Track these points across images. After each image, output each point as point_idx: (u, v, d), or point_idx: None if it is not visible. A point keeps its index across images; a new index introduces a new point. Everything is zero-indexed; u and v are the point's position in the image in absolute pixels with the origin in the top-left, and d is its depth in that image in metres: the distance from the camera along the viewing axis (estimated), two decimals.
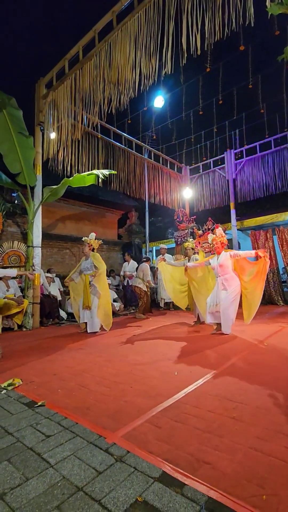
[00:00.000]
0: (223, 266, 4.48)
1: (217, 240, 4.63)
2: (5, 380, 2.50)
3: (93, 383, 2.47)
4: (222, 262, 4.50)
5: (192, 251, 5.69)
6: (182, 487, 1.19)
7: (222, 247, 4.64)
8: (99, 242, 5.14)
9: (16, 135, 5.36)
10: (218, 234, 4.71)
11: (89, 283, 4.85)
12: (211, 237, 4.77)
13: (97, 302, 4.83)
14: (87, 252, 4.94)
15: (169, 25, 3.90)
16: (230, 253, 4.55)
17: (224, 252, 4.61)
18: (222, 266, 4.48)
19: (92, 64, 5.06)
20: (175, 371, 2.71)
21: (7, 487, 1.23)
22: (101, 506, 1.10)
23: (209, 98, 9.41)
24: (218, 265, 4.52)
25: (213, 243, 4.71)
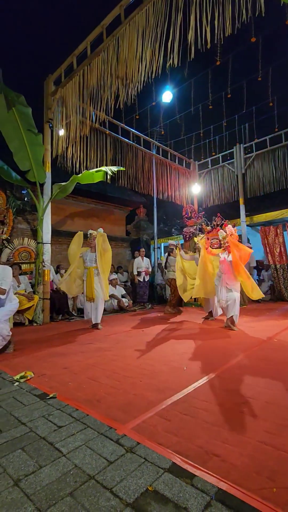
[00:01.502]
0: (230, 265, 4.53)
1: (229, 239, 4.64)
2: (17, 373, 2.56)
3: (103, 377, 2.50)
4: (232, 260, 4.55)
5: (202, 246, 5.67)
6: (192, 478, 1.21)
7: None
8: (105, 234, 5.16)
9: (26, 133, 5.41)
10: (229, 231, 4.71)
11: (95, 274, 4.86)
12: (222, 234, 4.75)
13: (100, 292, 4.84)
14: (94, 245, 4.95)
15: (177, 18, 3.85)
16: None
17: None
18: (229, 266, 4.53)
19: (100, 59, 5.05)
20: (184, 366, 2.72)
21: (21, 474, 1.27)
22: (112, 494, 1.13)
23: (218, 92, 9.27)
24: (227, 262, 4.54)
25: (224, 241, 4.71)
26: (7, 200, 6.05)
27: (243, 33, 5.59)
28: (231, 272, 4.50)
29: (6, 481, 1.22)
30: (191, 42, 3.68)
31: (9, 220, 6.09)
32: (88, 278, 4.81)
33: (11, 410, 1.90)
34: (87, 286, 4.80)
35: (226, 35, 3.73)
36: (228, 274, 4.51)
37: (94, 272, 4.82)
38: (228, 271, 4.51)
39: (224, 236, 4.73)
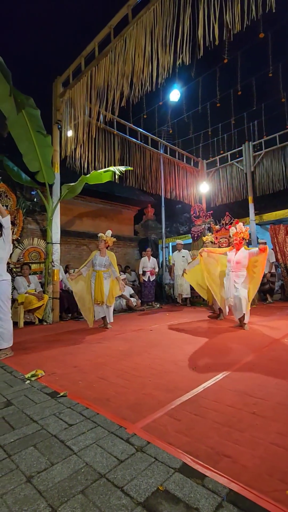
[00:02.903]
0: (240, 263, 4.50)
1: (238, 235, 4.59)
2: (28, 371, 2.60)
3: (113, 376, 2.52)
4: (239, 259, 4.52)
5: (211, 244, 5.64)
6: (203, 478, 1.20)
7: (240, 243, 4.61)
8: (114, 239, 5.16)
9: (35, 134, 5.48)
10: (239, 229, 4.67)
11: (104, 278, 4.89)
12: (233, 230, 4.71)
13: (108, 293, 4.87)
14: (103, 248, 4.96)
15: (185, 16, 3.83)
16: (250, 251, 4.54)
17: (243, 248, 4.58)
18: (239, 263, 4.50)
19: (107, 59, 5.06)
20: (193, 366, 2.71)
21: (34, 471, 1.29)
22: (123, 493, 1.14)
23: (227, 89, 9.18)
24: (235, 261, 4.52)
25: (233, 237, 4.67)
26: (17, 201, 6.14)
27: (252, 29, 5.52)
28: (242, 269, 4.48)
29: (19, 477, 1.25)
30: (200, 39, 3.65)
31: (19, 221, 6.18)
32: (97, 281, 4.80)
33: (23, 408, 1.93)
34: (96, 289, 4.79)
35: (235, 31, 3.69)
36: (236, 272, 4.49)
37: (104, 276, 4.82)
38: (235, 269, 4.50)
39: (235, 233, 4.69)
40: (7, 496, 1.14)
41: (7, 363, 2.98)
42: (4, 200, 5.91)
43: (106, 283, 4.85)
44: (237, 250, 4.58)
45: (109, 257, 4.91)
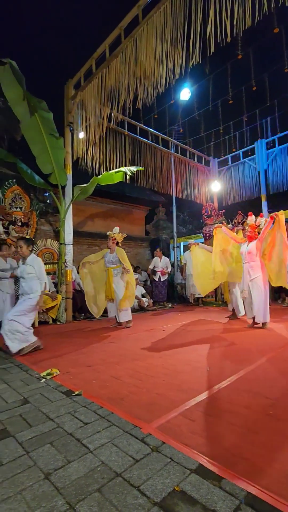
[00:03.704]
0: (251, 253, 4.52)
1: (255, 229, 4.56)
2: (43, 370, 2.65)
3: (126, 375, 2.53)
4: (250, 249, 4.53)
5: None
6: (220, 480, 1.19)
7: (255, 236, 4.56)
8: (123, 235, 5.19)
9: (47, 137, 5.56)
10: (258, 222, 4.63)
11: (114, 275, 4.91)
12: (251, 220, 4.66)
13: (121, 293, 4.87)
14: (111, 246, 5.00)
15: (196, 13, 3.80)
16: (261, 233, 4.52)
17: (255, 241, 4.56)
18: (250, 254, 4.52)
19: (118, 60, 5.09)
20: (207, 367, 2.69)
21: (51, 468, 1.31)
22: (139, 492, 1.14)
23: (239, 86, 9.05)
24: (247, 252, 4.52)
25: (248, 228, 4.63)
26: (31, 203, 6.26)
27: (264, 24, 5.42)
28: (254, 259, 4.44)
29: (37, 474, 1.27)
30: (211, 36, 3.61)
31: (33, 222, 6.30)
32: (107, 278, 4.88)
33: (39, 406, 1.97)
34: (107, 286, 4.87)
35: (246, 27, 3.63)
36: (251, 263, 4.45)
37: (113, 273, 4.87)
38: (248, 259, 4.47)
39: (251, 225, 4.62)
40: (25, 492, 1.16)
41: (23, 362, 3.04)
42: (18, 202, 6.04)
43: (117, 280, 4.87)
44: (250, 242, 4.57)
45: (117, 253, 4.93)
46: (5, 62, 4.73)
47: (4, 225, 5.80)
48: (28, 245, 3.51)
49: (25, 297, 3.44)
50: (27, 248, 3.48)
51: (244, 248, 4.62)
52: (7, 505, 1.10)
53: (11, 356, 3.27)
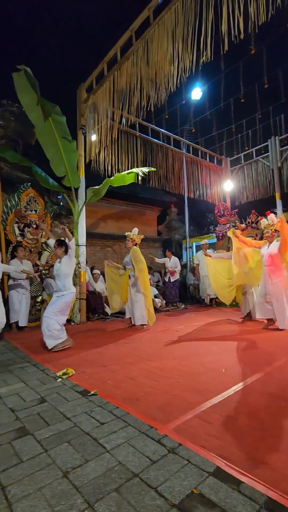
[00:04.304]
0: (273, 256, 4.32)
1: (270, 227, 4.42)
2: (59, 370, 2.69)
3: (141, 376, 2.53)
4: (272, 251, 4.34)
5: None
6: (239, 484, 1.17)
7: (273, 235, 4.44)
8: (141, 236, 5.20)
9: (61, 140, 5.66)
10: (271, 220, 4.49)
11: (129, 277, 4.95)
12: (264, 222, 4.55)
13: (138, 296, 4.88)
14: (130, 247, 5.03)
15: (208, 11, 3.77)
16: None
17: (275, 241, 4.42)
18: (272, 256, 4.32)
19: (129, 63, 5.12)
20: (223, 368, 2.65)
21: (69, 467, 1.33)
22: (157, 494, 1.14)
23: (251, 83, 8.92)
24: (268, 255, 4.36)
25: (265, 230, 4.51)
26: (45, 205, 6.37)
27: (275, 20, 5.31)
28: (275, 264, 4.29)
29: (56, 472, 1.29)
30: (224, 34, 3.58)
31: (47, 225, 6.41)
32: (124, 279, 4.94)
33: (56, 405, 2.00)
34: (123, 287, 4.93)
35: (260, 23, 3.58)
36: (271, 267, 4.30)
37: (130, 274, 4.89)
38: (270, 264, 4.31)
39: (266, 225, 4.51)
40: (45, 490, 1.18)
41: (40, 362, 3.10)
42: (33, 205, 6.16)
43: (131, 282, 4.88)
44: (270, 243, 4.43)
45: (130, 253, 4.94)
46: (20, 68, 4.85)
47: (19, 228, 5.93)
48: (62, 246, 3.74)
49: (59, 294, 3.66)
50: (61, 249, 3.73)
51: (265, 250, 4.46)
52: (28, 502, 1.12)
53: (49, 351, 3.48)
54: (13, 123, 6.46)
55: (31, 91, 5.09)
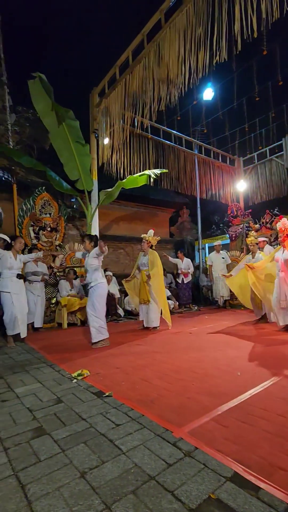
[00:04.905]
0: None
1: (284, 231, 4.31)
2: (74, 370, 2.72)
3: (155, 378, 2.53)
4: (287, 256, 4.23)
5: (256, 246, 5.38)
6: (257, 490, 1.15)
7: (283, 240, 4.33)
8: (157, 238, 5.22)
9: (74, 144, 5.75)
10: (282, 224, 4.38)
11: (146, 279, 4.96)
12: (278, 226, 4.45)
13: (152, 298, 4.89)
14: (146, 249, 5.04)
15: (221, 11, 3.75)
16: None
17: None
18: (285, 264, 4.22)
19: (141, 66, 5.15)
20: (238, 371, 2.61)
21: (86, 467, 1.34)
22: (174, 497, 1.13)
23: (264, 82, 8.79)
24: (283, 260, 4.25)
25: (280, 234, 4.41)
26: (59, 208, 6.49)
27: None
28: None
29: (73, 472, 1.31)
30: (237, 33, 3.55)
31: (61, 227, 6.53)
32: (141, 280, 4.96)
33: (72, 406, 2.02)
34: (140, 288, 4.95)
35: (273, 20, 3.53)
36: (286, 272, 4.20)
37: (145, 275, 4.91)
38: (285, 269, 4.21)
39: (280, 229, 4.41)
40: (63, 489, 1.20)
41: (55, 362, 3.15)
42: (47, 208, 6.29)
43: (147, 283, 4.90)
44: (285, 248, 4.31)
45: (149, 256, 4.96)
46: (35, 76, 4.98)
47: (34, 231, 6.07)
48: (91, 240, 3.99)
49: (89, 287, 3.89)
50: (89, 243, 3.97)
51: (280, 254, 4.34)
52: (46, 501, 1.14)
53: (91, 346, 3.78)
54: (28, 129, 6.62)
55: (45, 97, 5.20)
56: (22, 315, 4.20)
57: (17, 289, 4.18)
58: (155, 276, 4.86)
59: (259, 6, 3.50)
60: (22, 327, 4.18)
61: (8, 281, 4.13)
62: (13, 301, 4.11)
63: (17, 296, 4.17)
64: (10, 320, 4.12)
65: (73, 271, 6.13)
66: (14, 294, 4.13)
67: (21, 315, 4.17)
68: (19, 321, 4.14)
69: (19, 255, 4.33)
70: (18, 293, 4.19)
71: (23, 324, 4.20)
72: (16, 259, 4.23)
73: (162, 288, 5.04)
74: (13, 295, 4.12)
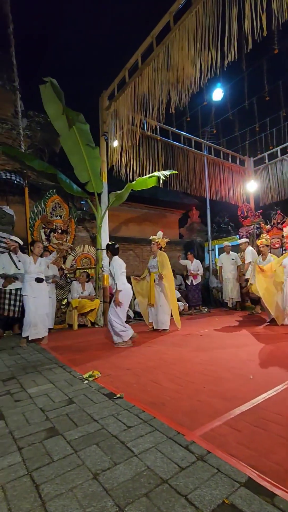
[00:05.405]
0: None
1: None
2: (85, 371, 2.74)
3: (165, 380, 2.52)
4: None
5: (267, 248, 5.31)
6: (273, 497, 1.13)
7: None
8: (166, 240, 5.21)
9: (84, 147, 5.82)
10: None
11: (154, 281, 4.96)
12: (286, 231, 4.39)
13: (162, 300, 4.89)
14: (155, 251, 5.05)
15: (230, 11, 3.73)
16: None
17: None
18: None
19: (150, 68, 5.17)
20: (250, 374, 2.57)
21: (99, 469, 1.34)
22: (187, 502, 1.12)
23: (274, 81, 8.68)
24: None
25: (285, 240, 4.35)
26: (70, 211, 6.57)
27: None
28: None
29: (86, 473, 1.31)
30: (248, 33, 3.52)
31: (71, 229, 6.61)
32: (150, 283, 4.96)
33: (83, 407, 2.04)
34: (149, 291, 4.94)
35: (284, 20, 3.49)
36: None
37: (155, 276, 4.90)
38: None
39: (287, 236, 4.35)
40: (76, 490, 1.21)
41: (67, 363, 3.18)
42: (58, 211, 6.38)
43: (157, 285, 4.89)
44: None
45: (158, 258, 4.95)
46: (46, 81, 5.07)
47: (46, 233, 6.16)
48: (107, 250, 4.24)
49: (113, 292, 4.03)
50: (107, 252, 4.23)
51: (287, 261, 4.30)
52: (60, 501, 1.15)
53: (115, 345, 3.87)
54: (39, 133, 6.75)
55: (56, 101, 5.29)
56: (37, 318, 4.27)
57: (35, 292, 4.29)
58: (166, 277, 4.85)
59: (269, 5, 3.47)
60: (33, 330, 4.24)
61: (27, 285, 4.28)
62: (30, 304, 4.22)
63: (34, 300, 4.26)
64: (26, 322, 4.23)
65: (85, 273, 6.18)
66: (32, 298, 4.25)
67: (35, 319, 4.24)
68: (32, 324, 4.21)
69: (40, 258, 4.45)
70: (36, 297, 4.28)
71: (34, 327, 4.26)
72: (35, 264, 4.36)
73: (173, 290, 5.03)
74: (30, 299, 4.24)
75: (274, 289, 4.66)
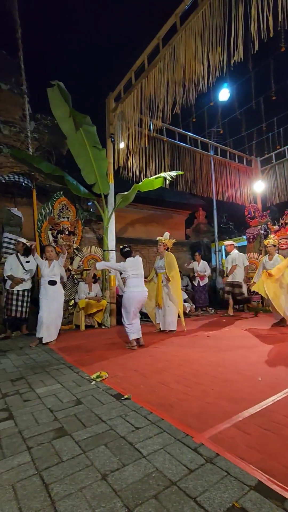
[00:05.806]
0: None
1: None
2: (93, 373, 2.75)
3: (173, 382, 2.51)
4: None
5: (274, 248, 5.26)
6: (283, 501, 1.11)
7: None
8: (173, 240, 5.20)
9: (91, 149, 5.86)
10: None
11: (161, 282, 4.95)
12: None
13: (169, 302, 4.89)
14: (162, 252, 5.04)
15: (237, 11, 3.71)
16: None
17: None
18: None
19: (157, 70, 5.18)
20: (259, 376, 2.54)
21: (107, 469, 1.35)
22: (197, 504, 1.12)
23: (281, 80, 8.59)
24: None
25: None
26: (77, 212, 6.61)
27: None
28: None
29: (95, 474, 1.32)
30: (254, 33, 3.50)
31: (78, 231, 6.64)
32: (157, 283, 4.95)
33: (91, 407, 2.04)
34: (156, 292, 4.93)
35: None
36: None
37: (162, 278, 4.90)
38: None
39: None
40: (85, 491, 1.22)
41: (74, 364, 3.20)
42: (65, 212, 6.43)
43: (165, 286, 4.88)
44: None
45: (165, 258, 4.94)
46: (53, 84, 5.12)
47: (53, 234, 6.21)
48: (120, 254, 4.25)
49: None
50: (122, 256, 4.22)
51: None
52: (69, 501, 1.16)
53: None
54: (47, 136, 6.82)
55: (64, 104, 5.34)
56: (48, 320, 4.32)
57: (48, 295, 4.38)
58: (173, 278, 4.84)
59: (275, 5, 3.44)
60: (46, 332, 4.29)
61: (42, 288, 4.42)
62: (43, 306, 4.31)
63: (47, 302, 4.35)
64: (38, 323, 4.31)
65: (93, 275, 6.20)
66: (45, 300, 4.35)
67: (48, 320, 4.30)
68: (44, 326, 4.26)
69: (55, 261, 4.56)
70: (49, 299, 4.36)
71: (47, 329, 4.31)
72: (49, 267, 4.48)
73: (179, 291, 5.01)
74: (44, 300, 4.34)
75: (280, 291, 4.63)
